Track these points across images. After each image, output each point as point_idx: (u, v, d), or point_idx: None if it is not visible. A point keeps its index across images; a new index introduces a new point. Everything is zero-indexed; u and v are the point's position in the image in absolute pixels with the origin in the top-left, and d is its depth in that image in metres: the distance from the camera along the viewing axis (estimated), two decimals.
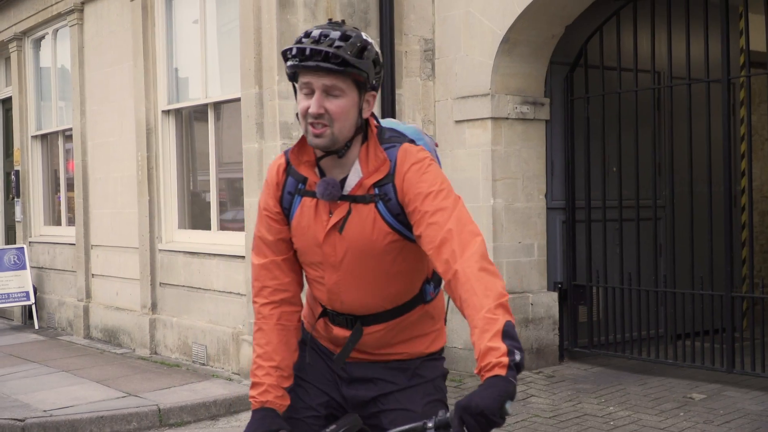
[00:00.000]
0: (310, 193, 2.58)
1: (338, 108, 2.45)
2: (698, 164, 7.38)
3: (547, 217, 7.86)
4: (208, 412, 6.78)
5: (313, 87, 2.44)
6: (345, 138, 2.50)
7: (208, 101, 8.38)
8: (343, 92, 2.45)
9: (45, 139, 11.69)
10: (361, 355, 2.68)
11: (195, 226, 8.87)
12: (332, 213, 2.55)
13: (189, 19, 8.73)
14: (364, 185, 2.53)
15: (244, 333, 7.57)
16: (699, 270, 7.26)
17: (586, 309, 7.92)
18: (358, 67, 2.43)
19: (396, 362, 2.69)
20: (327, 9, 7.38)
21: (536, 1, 7.11)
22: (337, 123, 2.46)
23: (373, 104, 2.56)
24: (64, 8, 10.34)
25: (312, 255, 2.61)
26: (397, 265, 2.56)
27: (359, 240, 2.53)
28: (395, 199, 2.50)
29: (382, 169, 2.52)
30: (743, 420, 6.15)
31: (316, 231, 2.57)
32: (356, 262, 2.55)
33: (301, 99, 2.48)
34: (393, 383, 2.67)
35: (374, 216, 2.52)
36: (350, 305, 2.61)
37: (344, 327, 2.65)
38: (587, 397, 6.85)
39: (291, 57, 2.45)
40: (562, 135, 7.98)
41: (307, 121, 2.47)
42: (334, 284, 2.60)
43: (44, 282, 11.34)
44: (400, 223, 2.51)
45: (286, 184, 2.63)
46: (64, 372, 8.10)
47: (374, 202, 2.52)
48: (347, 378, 2.70)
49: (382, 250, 2.53)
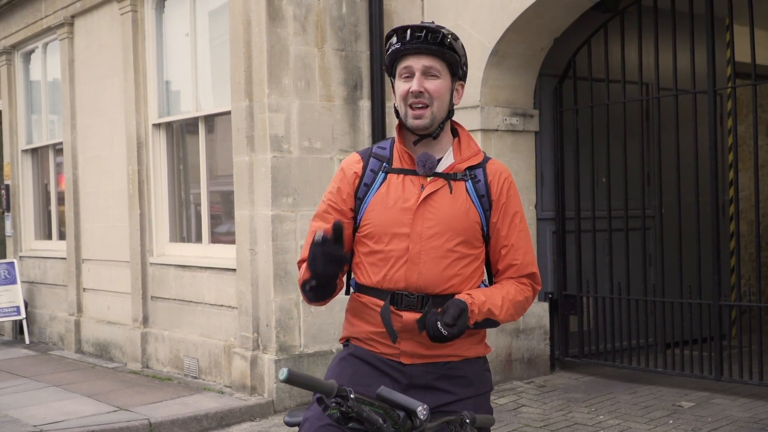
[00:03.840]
0: (396, 170, 2.83)
1: (436, 87, 2.76)
2: (686, 174, 7.43)
3: (537, 228, 7.90)
4: (200, 426, 6.78)
5: (413, 69, 2.75)
6: (440, 119, 2.80)
7: (198, 114, 8.40)
8: (440, 74, 2.77)
9: (35, 153, 11.69)
10: (421, 349, 2.77)
11: (186, 239, 8.88)
12: (424, 187, 2.79)
13: (179, 33, 8.75)
14: (457, 168, 2.83)
15: (236, 346, 7.57)
16: (688, 279, 7.31)
17: (576, 318, 7.96)
18: (455, 49, 2.77)
19: (452, 365, 2.79)
20: (317, 22, 7.43)
21: (525, 14, 7.17)
22: (436, 102, 2.77)
23: (461, 93, 2.89)
24: (53, 22, 10.36)
25: (398, 226, 2.78)
26: (468, 248, 2.81)
27: (447, 213, 2.78)
28: (484, 181, 2.83)
29: (474, 158, 2.87)
30: (731, 427, 6.19)
31: (406, 201, 2.79)
32: (440, 234, 2.77)
33: (400, 84, 2.78)
34: (451, 393, 2.78)
35: (463, 193, 2.82)
36: (426, 277, 2.76)
37: (414, 309, 2.76)
38: (578, 406, 6.88)
39: (393, 44, 2.76)
40: (551, 146, 8.03)
41: (407, 103, 2.77)
42: (416, 253, 2.76)
43: (35, 296, 11.32)
44: (481, 205, 2.82)
45: (366, 168, 2.86)
46: (54, 387, 8.09)
47: (464, 180, 2.82)
48: (406, 384, 2.77)
49: (463, 227, 2.79)
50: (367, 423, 2.36)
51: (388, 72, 2.85)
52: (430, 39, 2.72)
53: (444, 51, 2.74)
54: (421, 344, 2.77)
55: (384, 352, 2.81)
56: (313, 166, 7.35)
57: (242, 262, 7.45)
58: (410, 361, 2.78)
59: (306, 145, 7.35)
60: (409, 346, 2.78)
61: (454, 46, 2.76)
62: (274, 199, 7.18)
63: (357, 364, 2.82)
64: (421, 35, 2.72)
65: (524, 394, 7.28)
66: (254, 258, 7.34)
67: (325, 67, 7.49)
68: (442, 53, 2.74)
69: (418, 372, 2.78)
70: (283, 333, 7.22)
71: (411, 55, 2.75)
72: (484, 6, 7.43)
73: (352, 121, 7.62)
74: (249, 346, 7.37)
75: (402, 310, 2.76)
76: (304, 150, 7.34)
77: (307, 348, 7.32)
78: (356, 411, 2.32)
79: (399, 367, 2.79)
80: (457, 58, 2.78)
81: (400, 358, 2.79)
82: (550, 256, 8.04)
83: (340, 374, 2.79)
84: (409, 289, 2.76)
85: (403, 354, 2.79)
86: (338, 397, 2.32)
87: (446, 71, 2.78)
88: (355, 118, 7.65)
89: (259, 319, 7.34)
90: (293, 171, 7.27)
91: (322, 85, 7.47)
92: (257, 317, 7.35)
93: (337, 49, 7.56)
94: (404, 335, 2.77)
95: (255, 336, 7.35)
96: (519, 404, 6.99)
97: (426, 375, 2.78)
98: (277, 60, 7.22)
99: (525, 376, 7.76)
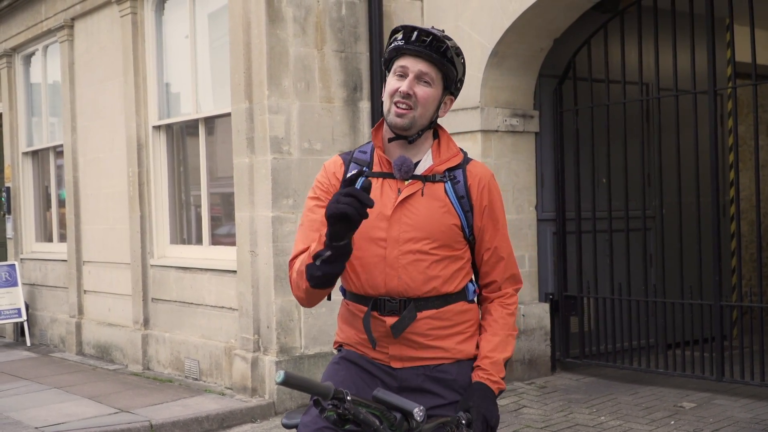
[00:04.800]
0: (376, 173, 2.81)
1: (425, 94, 2.74)
2: (687, 175, 7.43)
3: (537, 229, 7.90)
4: (201, 427, 6.78)
5: (408, 71, 2.74)
6: (421, 126, 2.78)
7: (199, 116, 8.40)
8: (432, 82, 2.75)
9: (36, 156, 11.69)
10: (409, 351, 2.78)
11: (187, 241, 8.89)
12: (401, 191, 2.78)
13: (179, 35, 8.76)
14: (435, 170, 2.80)
15: (237, 347, 7.57)
16: (689, 279, 7.31)
17: (577, 319, 7.95)
18: (453, 63, 2.75)
19: (442, 368, 2.79)
20: (317, 24, 7.43)
21: (524, 15, 7.17)
22: (420, 108, 2.74)
23: (449, 108, 2.87)
24: (54, 24, 10.37)
25: (376, 230, 2.76)
26: (447, 251, 2.78)
27: (425, 216, 2.76)
28: (464, 182, 2.81)
29: (453, 159, 2.84)
30: (733, 428, 6.18)
31: (383, 206, 2.76)
32: (416, 238, 2.76)
33: (392, 81, 2.77)
34: (440, 397, 2.78)
35: (442, 195, 2.79)
36: (405, 282, 2.75)
37: (397, 314, 2.76)
38: (579, 407, 6.88)
39: (397, 40, 2.75)
40: (551, 147, 8.03)
41: (393, 100, 2.75)
42: (394, 258, 2.75)
43: (36, 299, 11.33)
44: (461, 207, 2.80)
45: (346, 173, 2.84)
46: (55, 389, 8.09)
47: (443, 182, 2.80)
48: (397, 387, 2.78)
49: (440, 231, 2.77)
50: (363, 425, 2.36)
51: (385, 65, 2.84)
52: (433, 46, 2.71)
53: (443, 62, 2.73)
54: (409, 347, 2.78)
55: (374, 356, 2.82)
56: (314, 168, 7.34)
57: (243, 264, 7.45)
58: (400, 365, 2.79)
59: (306, 146, 7.35)
60: (397, 350, 2.78)
61: (454, 61, 2.75)
62: (274, 200, 7.18)
63: (350, 368, 2.82)
64: (426, 40, 2.71)
65: (525, 395, 7.27)
66: (255, 259, 7.34)
67: (325, 69, 7.49)
68: (441, 63, 2.73)
69: (408, 375, 2.78)
70: (284, 334, 7.22)
71: (410, 56, 2.74)
72: (483, 7, 7.43)
73: (352, 122, 7.62)
74: (250, 348, 7.37)
75: (385, 315, 2.76)
76: (304, 151, 7.34)
77: (308, 349, 7.32)
78: (353, 413, 2.32)
79: (390, 370, 2.80)
80: (455, 73, 2.77)
81: (390, 363, 2.80)
82: (551, 257, 8.03)
83: (333, 378, 2.80)
84: (390, 294, 2.76)
85: (392, 358, 2.79)
86: (335, 399, 2.32)
87: (440, 82, 2.77)
88: (355, 119, 7.65)
89: (259, 321, 7.34)
90: (293, 172, 7.27)
91: (322, 87, 7.47)
92: (258, 319, 7.34)
93: (336, 51, 7.56)
94: (391, 340, 2.77)
95: (256, 338, 7.35)
96: (520, 405, 6.98)
97: (416, 378, 2.79)
98: (277, 62, 7.22)
99: (526, 377, 7.75)
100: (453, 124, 7.62)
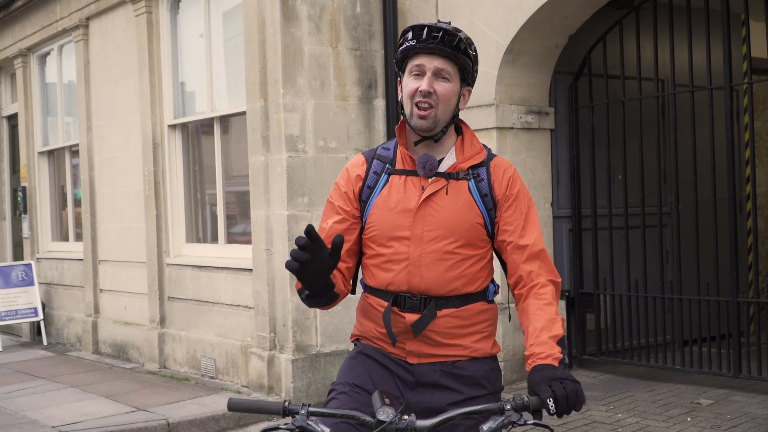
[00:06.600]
0: (399, 171, 2.80)
1: (445, 90, 2.73)
2: (703, 171, 7.40)
3: (553, 226, 7.89)
4: (218, 426, 6.81)
5: (424, 69, 2.72)
6: (444, 122, 2.77)
7: (214, 115, 8.42)
8: (450, 77, 2.74)
9: (51, 155, 11.75)
10: (426, 348, 2.77)
11: (202, 239, 8.91)
12: (424, 189, 2.76)
13: (194, 33, 8.78)
14: (459, 168, 2.79)
15: (253, 346, 7.59)
16: (705, 276, 7.28)
17: (593, 316, 7.94)
18: (468, 55, 2.74)
19: (459, 364, 2.78)
20: (331, 22, 7.44)
21: (539, 12, 7.15)
22: (442, 105, 2.73)
23: (468, 99, 2.84)
24: (69, 24, 10.41)
25: (399, 229, 2.76)
26: (471, 249, 2.77)
27: (449, 214, 2.75)
28: (487, 179, 2.79)
29: (477, 156, 2.82)
30: (750, 424, 6.16)
31: (407, 204, 2.76)
32: (440, 237, 2.74)
33: (409, 82, 2.75)
34: (458, 392, 2.76)
35: (465, 193, 2.78)
36: (428, 281, 2.74)
37: (417, 311, 2.76)
38: (596, 404, 6.86)
39: (408, 40, 2.74)
40: (567, 144, 8.01)
41: (413, 101, 2.74)
42: (417, 257, 2.74)
43: (52, 298, 11.38)
44: (485, 205, 2.78)
45: (369, 171, 2.84)
46: (72, 388, 8.13)
47: (467, 180, 2.78)
48: (413, 382, 2.78)
49: (464, 229, 2.75)
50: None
51: (398, 66, 2.83)
52: (446, 41, 2.70)
53: (458, 55, 2.72)
54: (427, 344, 2.78)
55: (391, 351, 2.82)
56: (329, 166, 7.35)
57: (258, 262, 7.47)
58: (417, 360, 2.79)
59: (321, 144, 7.36)
60: (415, 346, 2.78)
61: (468, 52, 2.74)
62: (289, 198, 7.19)
63: (367, 363, 2.83)
64: (437, 36, 2.69)
65: None
66: (270, 258, 7.35)
67: (340, 67, 7.49)
68: (456, 57, 2.72)
69: (425, 371, 2.78)
70: (300, 332, 7.23)
71: (424, 55, 2.72)
72: (498, 4, 7.42)
73: (367, 120, 7.63)
74: (266, 346, 7.39)
75: (405, 311, 2.77)
76: (320, 149, 7.35)
77: (324, 347, 7.33)
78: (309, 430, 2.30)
79: (407, 366, 2.80)
80: (470, 64, 2.77)
81: (407, 358, 2.80)
82: (567, 254, 8.02)
83: (350, 373, 2.81)
84: (411, 291, 2.76)
85: (410, 354, 2.80)
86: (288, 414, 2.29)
87: (457, 75, 2.76)
88: (370, 117, 7.65)
89: (275, 319, 7.35)
90: (308, 171, 7.28)
91: (337, 85, 7.47)
92: (274, 317, 7.36)
93: (351, 49, 7.56)
94: (410, 336, 2.77)
95: (272, 336, 7.36)
96: None
97: (433, 373, 2.78)
98: (292, 60, 7.23)
99: None
100: (468, 121, 7.53)
